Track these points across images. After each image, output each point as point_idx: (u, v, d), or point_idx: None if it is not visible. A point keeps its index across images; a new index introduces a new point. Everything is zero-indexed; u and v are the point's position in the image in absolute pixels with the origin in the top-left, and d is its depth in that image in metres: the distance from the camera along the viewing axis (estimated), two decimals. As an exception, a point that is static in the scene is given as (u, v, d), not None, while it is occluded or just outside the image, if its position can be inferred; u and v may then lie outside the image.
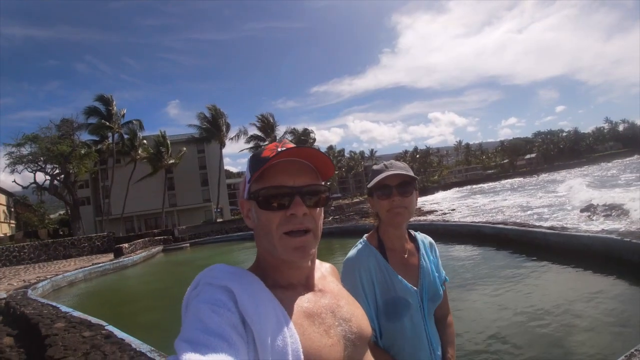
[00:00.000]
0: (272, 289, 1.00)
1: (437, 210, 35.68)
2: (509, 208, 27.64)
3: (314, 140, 70.88)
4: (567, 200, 26.12)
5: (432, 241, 2.02)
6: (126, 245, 28.92)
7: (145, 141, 56.10)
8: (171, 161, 56.36)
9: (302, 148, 1.04)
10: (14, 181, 44.05)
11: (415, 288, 1.78)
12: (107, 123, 50.23)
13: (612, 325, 5.86)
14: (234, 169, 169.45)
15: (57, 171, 44.30)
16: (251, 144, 61.02)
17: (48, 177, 44.56)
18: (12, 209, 61.46)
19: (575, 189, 32.19)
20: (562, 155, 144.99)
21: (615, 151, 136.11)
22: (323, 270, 1.26)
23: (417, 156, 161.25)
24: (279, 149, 1.05)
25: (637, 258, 7.79)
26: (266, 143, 60.07)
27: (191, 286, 0.98)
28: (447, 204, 46.28)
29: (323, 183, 1.12)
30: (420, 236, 2.00)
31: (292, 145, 1.08)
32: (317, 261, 1.27)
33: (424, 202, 51.75)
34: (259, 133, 61.37)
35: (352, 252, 1.87)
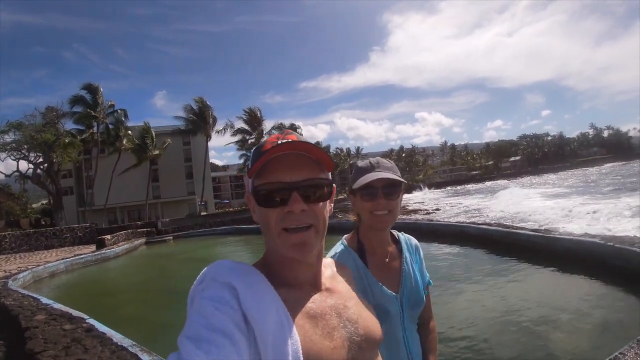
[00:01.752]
0: (277, 287, 0.98)
1: (421, 210, 35.95)
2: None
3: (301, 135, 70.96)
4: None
5: (417, 243, 1.91)
6: (108, 236, 28.64)
7: (130, 132, 55.50)
8: (155, 152, 55.86)
9: (296, 142, 1.01)
10: (-4, 169, 43.54)
11: (395, 294, 1.69)
12: (93, 112, 49.72)
13: (594, 328, 5.90)
14: (219, 162, 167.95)
15: (40, 160, 43.93)
16: (237, 137, 61.15)
17: (31, 166, 44.17)
18: (-6, 197, 60.61)
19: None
20: (547, 158, 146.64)
21: (599, 157, 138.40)
22: (334, 269, 1.24)
23: (403, 155, 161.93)
24: (279, 142, 1.02)
25: (620, 263, 7.81)
26: (252, 137, 60.03)
27: (197, 280, 0.97)
28: (431, 203, 46.74)
29: (328, 175, 1.09)
30: (404, 237, 1.89)
31: (294, 136, 1.06)
32: (330, 260, 1.28)
33: (408, 200, 52.20)
34: (245, 127, 61.27)
35: (329, 255, 1.76)
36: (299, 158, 1.02)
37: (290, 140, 1.03)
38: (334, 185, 1.10)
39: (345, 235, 1.85)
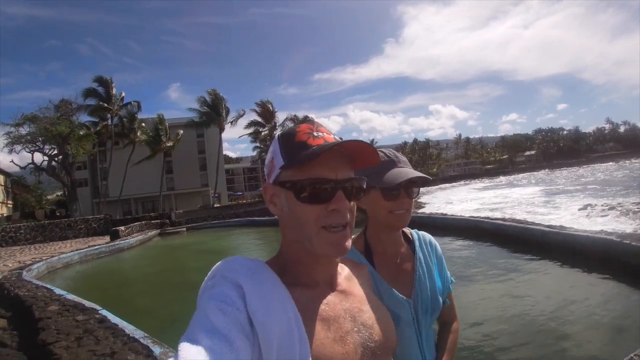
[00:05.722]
0: (290, 286, 0.95)
1: (433, 203, 35.97)
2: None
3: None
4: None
5: (432, 239, 1.76)
6: (122, 228, 28.83)
7: (144, 124, 55.85)
8: (169, 144, 55.98)
9: (350, 141, 0.97)
10: (12, 161, 44.10)
11: (407, 299, 1.55)
12: (106, 105, 50.16)
13: (609, 328, 5.83)
14: (232, 154, 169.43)
15: (55, 152, 44.32)
16: (251, 130, 61.74)
17: (46, 158, 44.63)
18: (10, 190, 61.31)
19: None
20: (562, 153, 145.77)
21: (614, 152, 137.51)
22: (351, 270, 1.19)
23: (417, 148, 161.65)
24: (315, 133, 1.00)
25: (637, 261, 7.74)
26: (266, 130, 60.30)
27: (208, 276, 0.95)
28: (444, 197, 46.82)
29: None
30: (417, 235, 1.74)
31: (325, 128, 1.04)
32: (346, 259, 1.23)
33: (421, 193, 52.48)
34: (258, 119, 61.61)
35: None
36: (341, 156, 1.00)
37: (331, 135, 1.03)
38: (364, 183, 1.06)
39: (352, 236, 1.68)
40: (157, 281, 13.82)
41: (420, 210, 27.06)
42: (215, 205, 55.43)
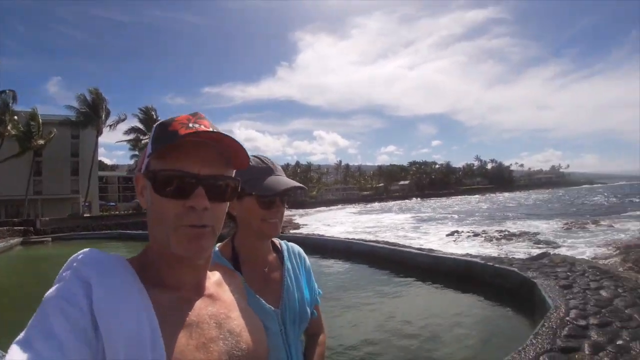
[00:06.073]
0: (150, 286, 0.88)
1: (311, 224, 36.81)
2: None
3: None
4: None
5: (301, 251, 1.76)
6: (-19, 233, 26.70)
7: (16, 117, 50.80)
8: (40, 142, 51.67)
9: (217, 133, 0.89)
10: None
11: (275, 309, 1.50)
12: (-21, 90, 45.69)
13: (476, 341, 6.55)
14: (108, 161, 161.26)
15: None
16: (130, 136, 59.42)
17: None
18: None
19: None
20: (433, 185, 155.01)
21: (482, 186, 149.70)
22: (222, 276, 1.13)
23: (299, 171, 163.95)
24: (191, 124, 0.91)
25: (499, 280, 8.83)
26: (146, 138, 58.05)
27: (64, 266, 0.86)
28: (322, 219, 48.08)
29: (233, 174, 0.99)
30: (287, 245, 1.72)
31: (206, 121, 0.95)
32: (219, 266, 1.20)
33: (295, 214, 53.41)
34: (140, 126, 59.47)
35: None
36: (211, 150, 0.93)
37: (210, 129, 0.92)
38: (239, 186, 1.01)
39: (219, 244, 1.61)
40: (17, 295, 13.06)
41: (299, 231, 27.68)
42: (85, 215, 52.41)
